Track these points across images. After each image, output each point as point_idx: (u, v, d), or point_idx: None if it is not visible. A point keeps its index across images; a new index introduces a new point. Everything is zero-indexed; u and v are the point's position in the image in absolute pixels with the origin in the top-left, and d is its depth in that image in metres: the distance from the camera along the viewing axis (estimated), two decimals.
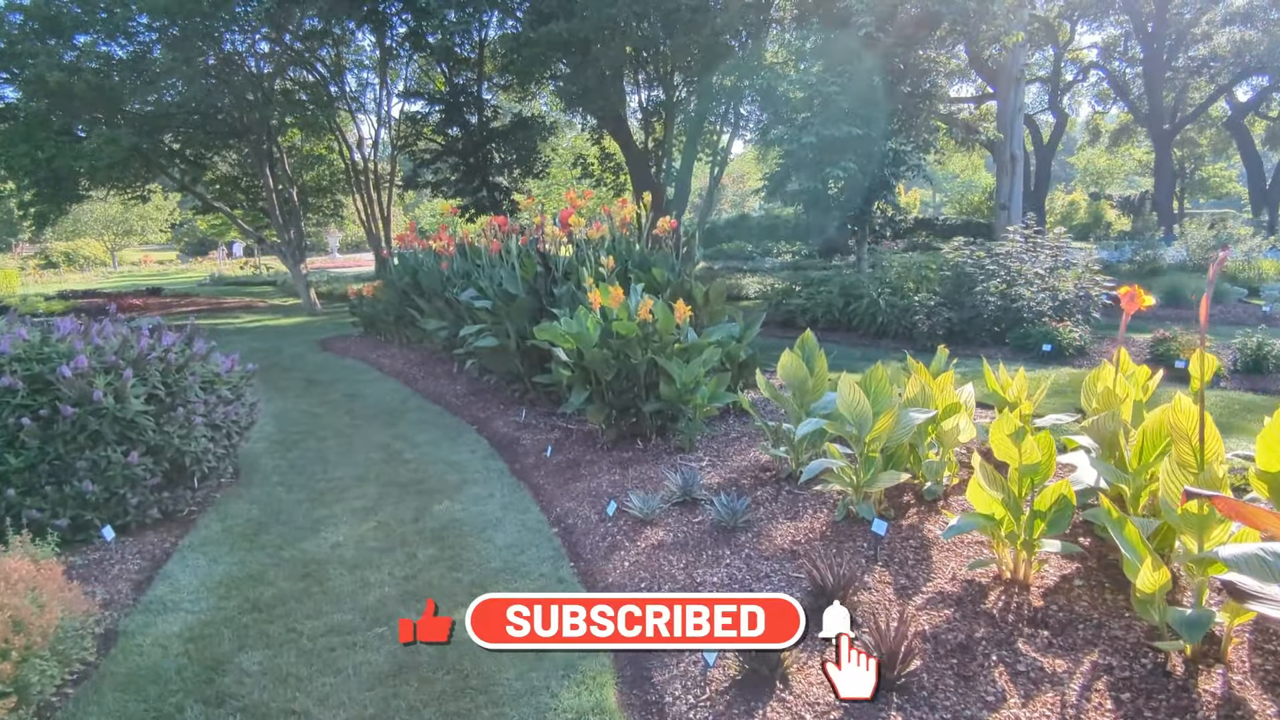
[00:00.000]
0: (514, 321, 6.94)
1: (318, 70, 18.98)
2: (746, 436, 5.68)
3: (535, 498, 4.81)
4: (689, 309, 5.70)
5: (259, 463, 5.71)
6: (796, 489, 4.47)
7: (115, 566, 3.83)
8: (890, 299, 10.81)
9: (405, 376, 8.93)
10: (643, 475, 4.87)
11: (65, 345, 4.22)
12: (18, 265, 37.45)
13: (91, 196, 19.43)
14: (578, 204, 7.46)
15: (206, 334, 8.86)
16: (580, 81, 14.75)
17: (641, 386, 5.59)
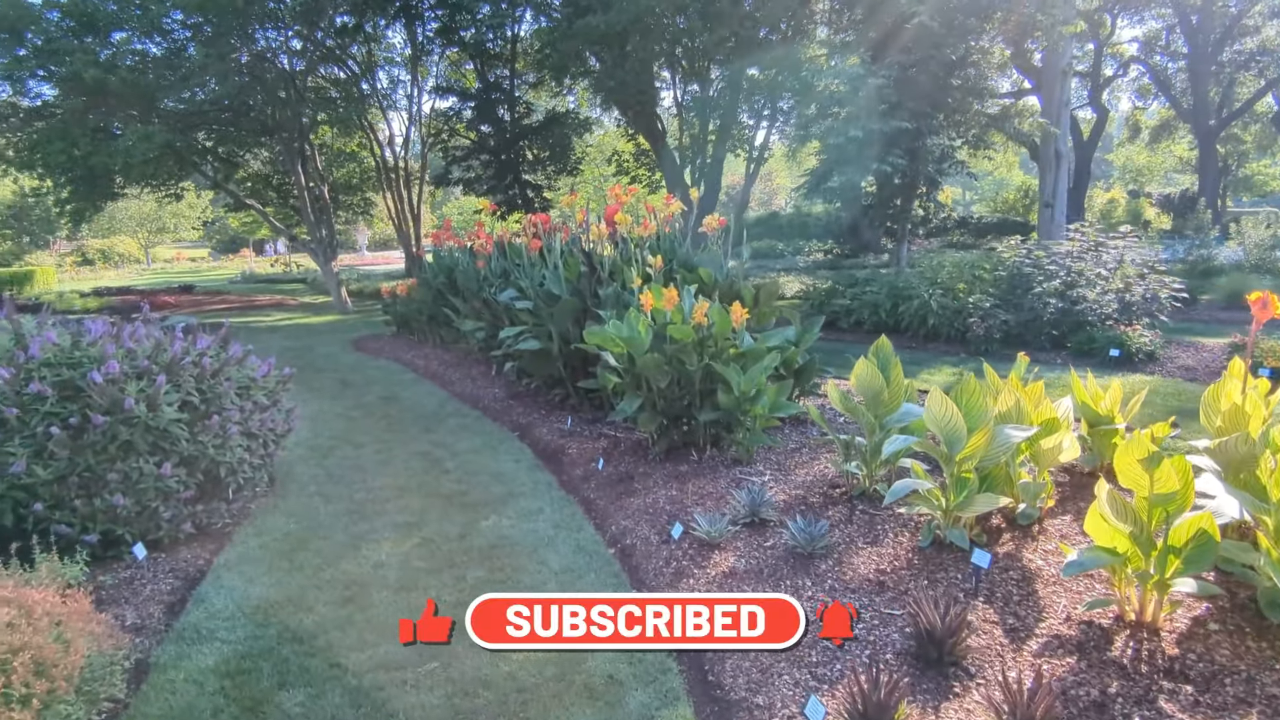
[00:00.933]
0: (557, 323, 6.64)
1: (349, 67, 18.90)
2: (806, 448, 5.33)
3: (587, 514, 4.50)
4: (745, 312, 5.36)
5: (295, 471, 5.47)
6: (872, 509, 4.11)
7: (147, 586, 3.58)
8: (942, 300, 10.35)
9: (441, 379, 8.67)
10: (701, 491, 4.53)
11: (96, 349, 3.99)
12: (55, 262, 38.09)
13: (126, 194, 19.52)
14: (623, 200, 7.15)
15: (240, 334, 8.69)
16: (616, 76, 14.44)
17: (696, 394, 5.26)
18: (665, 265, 6.75)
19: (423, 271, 11.08)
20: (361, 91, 18.90)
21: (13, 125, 15.45)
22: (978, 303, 9.65)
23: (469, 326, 8.58)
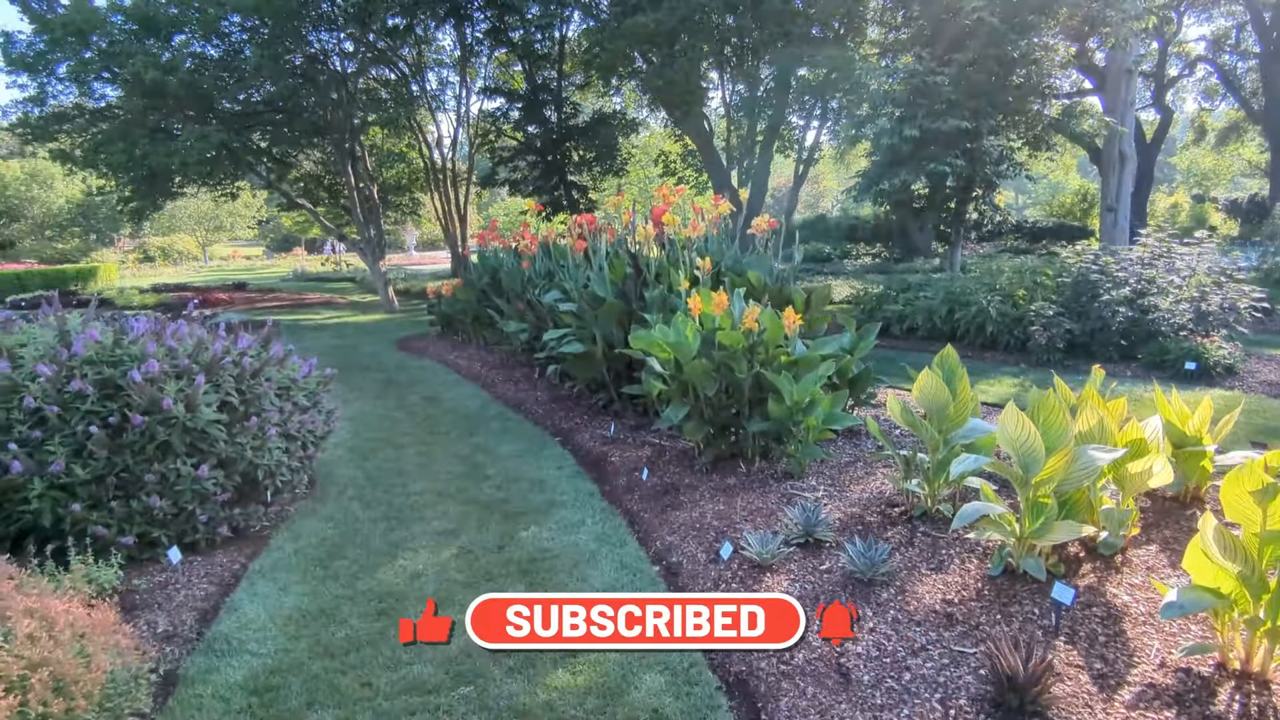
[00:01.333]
0: (601, 326, 6.47)
1: (399, 69, 19.08)
2: (861, 462, 5.06)
3: (631, 528, 4.30)
4: (798, 317, 5.11)
5: (335, 472, 5.40)
6: (935, 531, 3.83)
7: (181, 592, 3.50)
8: (1001, 307, 9.91)
9: (483, 380, 8.59)
10: (750, 506, 4.30)
11: (138, 347, 3.94)
12: (119, 259, 39.49)
13: (185, 193, 20.02)
14: (671, 200, 6.95)
15: (285, 333, 8.67)
16: (664, 75, 14.25)
17: (745, 403, 5.03)
18: (713, 268, 6.54)
19: (467, 272, 11.05)
20: (411, 93, 19.07)
21: (78, 126, 15.95)
22: (1040, 310, 9.19)
23: (512, 328, 8.47)
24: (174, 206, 37.66)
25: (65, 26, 13.93)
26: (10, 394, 3.68)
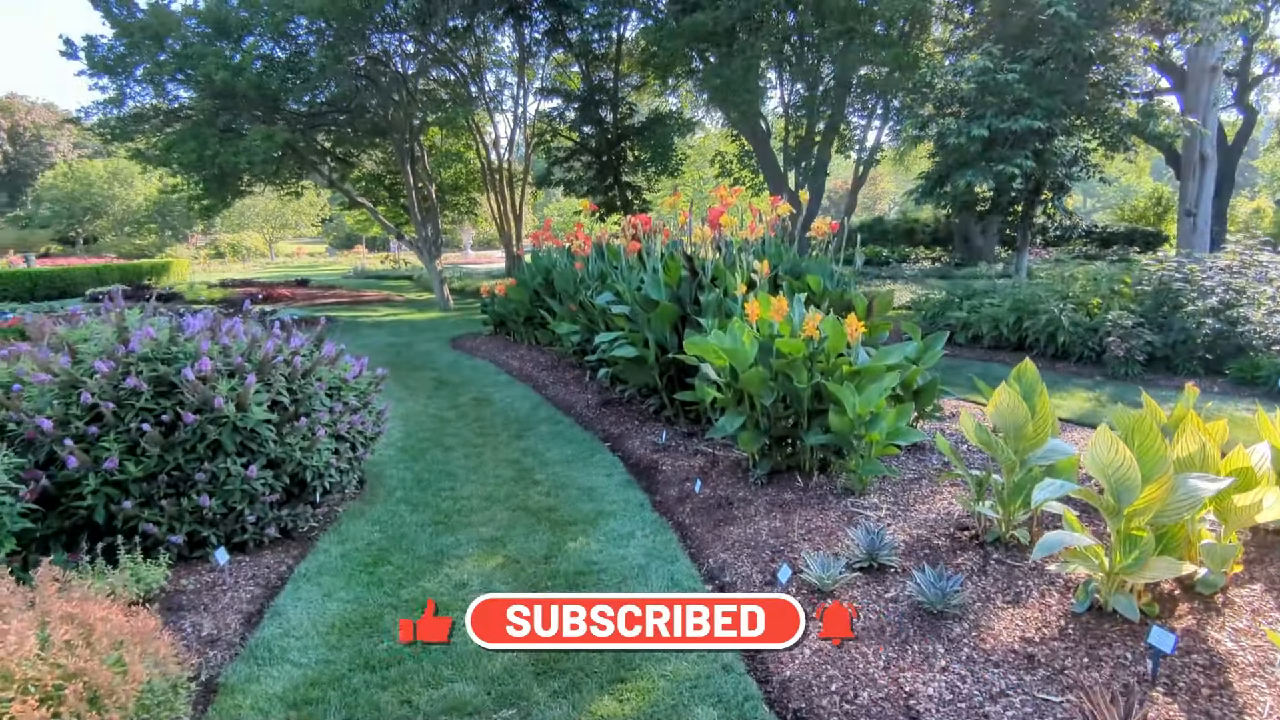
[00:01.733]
0: (654, 330, 6.31)
1: (459, 70, 19.29)
2: (926, 479, 4.78)
3: (682, 542, 4.13)
4: (862, 324, 4.87)
5: (385, 473, 5.37)
6: (1010, 559, 3.56)
7: (226, 594, 3.47)
8: (1074, 316, 9.42)
9: (535, 381, 8.52)
10: (809, 524, 4.08)
11: (192, 345, 3.94)
12: (191, 255, 41.11)
13: (253, 192, 20.63)
14: (729, 201, 6.75)
15: (343, 329, 8.69)
16: (722, 74, 14.02)
17: (804, 414, 4.80)
18: (771, 272, 6.32)
19: (521, 272, 11.03)
20: (469, 93, 19.26)
21: (154, 126, 16.54)
22: (1118, 320, 8.68)
23: (564, 329, 8.39)
24: (243, 205, 38.99)
25: (143, 30, 14.44)
26: (70, 389, 3.71)
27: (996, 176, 12.60)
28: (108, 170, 43.36)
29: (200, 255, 44.27)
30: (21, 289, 20.65)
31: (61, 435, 3.52)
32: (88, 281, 22.69)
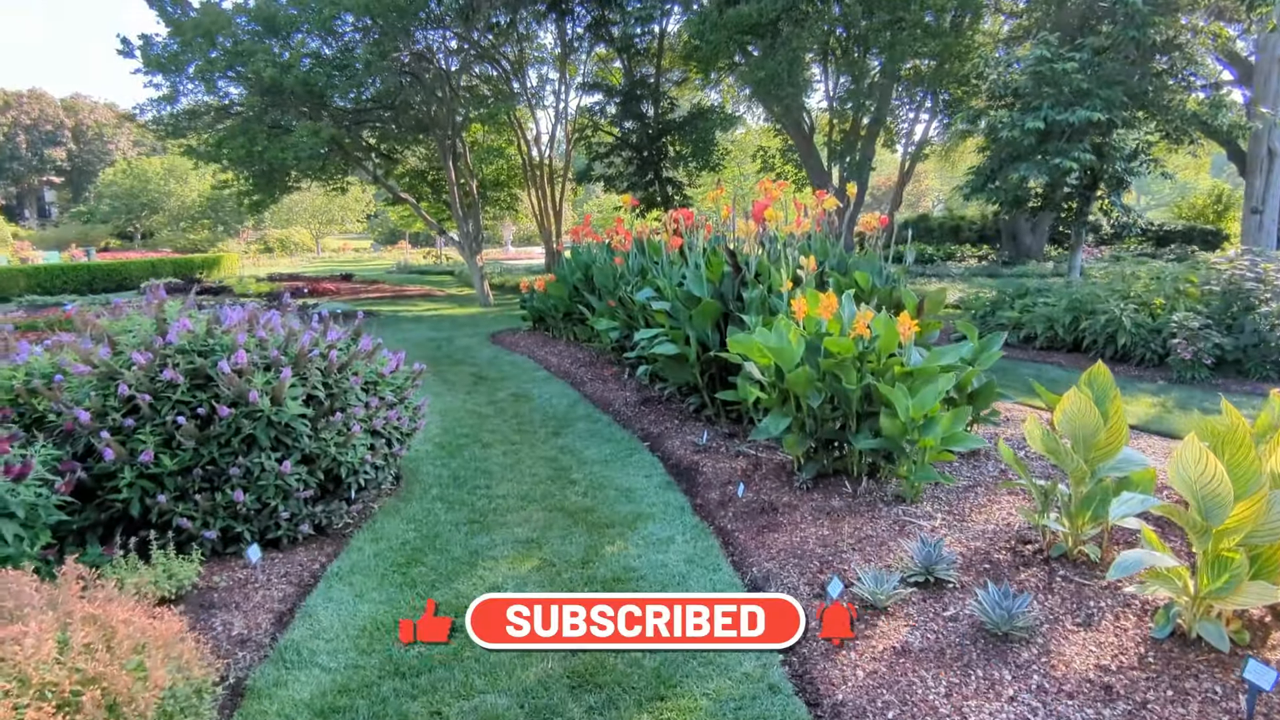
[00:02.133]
0: (695, 327, 6.14)
1: (501, 66, 19.32)
2: (981, 486, 4.54)
3: (724, 548, 3.95)
4: (915, 323, 4.63)
5: (421, 469, 5.30)
6: (1079, 577, 3.31)
7: (259, 592, 3.40)
8: (1135, 317, 8.97)
9: (573, 378, 8.41)
10: (858, 533, 3.88)
11: (229, 338, 3.89)
12: (241, 250, 42.13)
13: (300, 188, 20.95)
14: (773, 195, 6.54)
15: (385, 323, 8.67)
16: (766, 67, 13.73)
17: (853, 416, 4.59)
18: (818, 268, 6.10)
19: (560, 267, 10.93)
20: (512, 89, 19.28)
21: (205, 123, 16.88)
22: (1184, 321, 8.23)
23: (603, 325, 8.26)
24: (290, 201, 39.88)
25: (195, 28, 14.71)
26: (109, 380, 3.69)
27: (1052, 171, 12.11)
28: (164, 167, 44.66)
29: (250, 250, 45.40)
30: (81, 282, 21.33)
31: (99, 427, 3.50)
32: (143, 275, 23.35)
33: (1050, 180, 12.84)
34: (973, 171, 13.96)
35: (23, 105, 61.32)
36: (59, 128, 62.69)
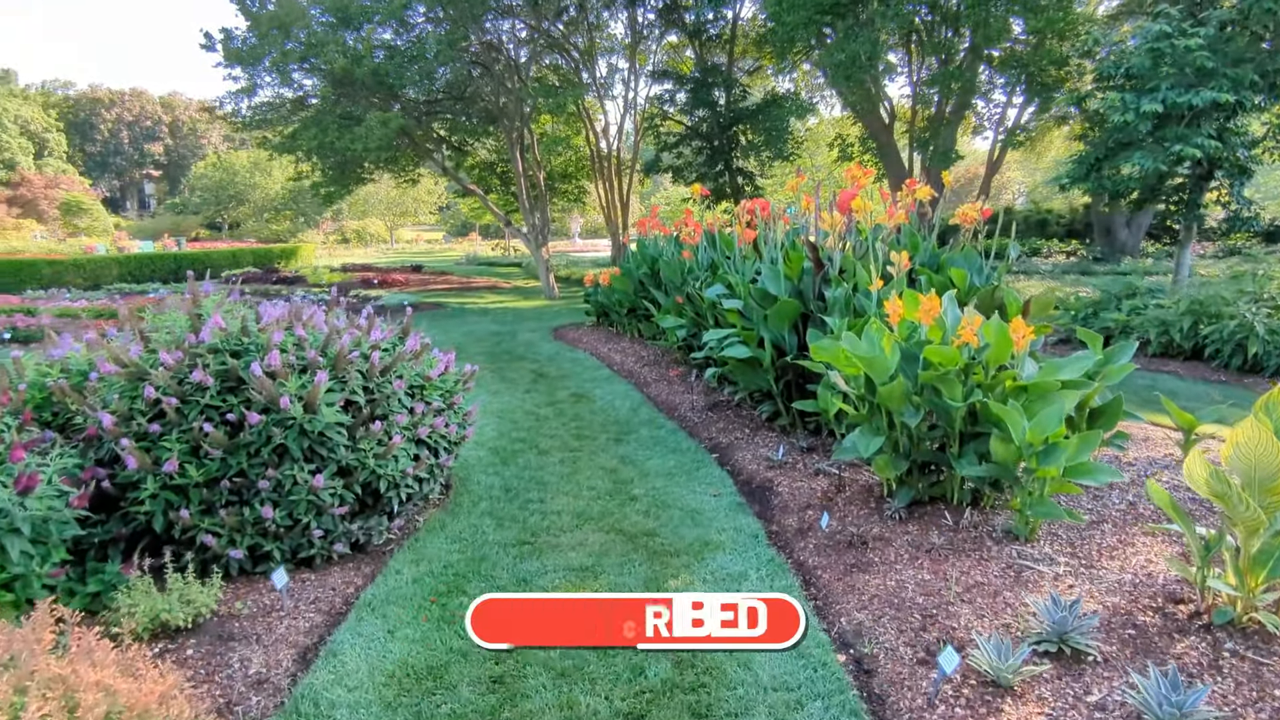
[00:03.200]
0: (771, 328, 5.60)
1: (571, 56, 19.02)
2: (1108, 522, 3.88)
3: (805, 589, 3.43)
4: (1030, 330, 3.98)
5: (472, 478, 4.94)
6: (1253, 654, 2.66)
7: (283, 622, 3.07)
8: (1269, 322, 7.96)
9: (636, 378, 7.97)
10: (966, 578, 3.29)
11: (265, 336, 3.58)
12: (320, 240, 43.39)
13: (373, 179, 21.16)
14: (861, 183, 5.92)
15: (446, 317, 8.39)
16: (846, 49, 12.94)
17: (955, 436, 3.99)
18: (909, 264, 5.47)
19: (625, 261, 10.50)
20: (581, 79, 18.95)
21: (281, 115, 17.13)
22: None
23: (669, 323, 7.78)
24: (365, 192, 40.75)
25: (271, 20, 14.87)
26: (139, 381, 3.43)
27: (1169, 159, 10.95)
28: (250, 160, 46.39)
29: (329, 241, 46.74)
30: (167, 270, 22.12)
31: (122, 432, 3.23)
32: (224, 264, 24.11)
33: (1163, 169, 11.64)
34: (1073, 160, 12.82)
35: (125, 103, 64.92)
36: (157, 124, 66.12)
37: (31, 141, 52.47)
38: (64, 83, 66.55)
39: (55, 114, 58.23)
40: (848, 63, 13.15)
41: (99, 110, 63.80)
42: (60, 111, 60.31)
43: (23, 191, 43.14)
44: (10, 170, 46.66)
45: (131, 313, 4.13)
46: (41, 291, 17.62)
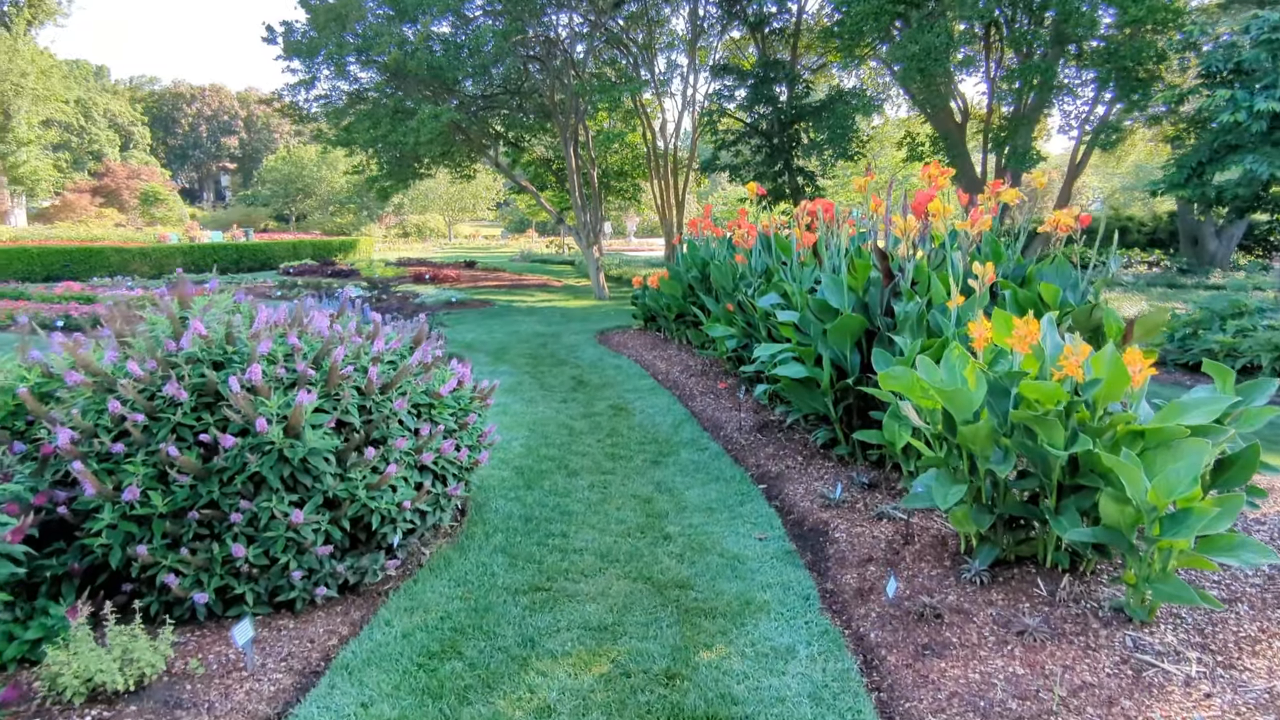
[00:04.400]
0: (830, 345, 4.97)
1: (630, 51, 18.55)
2: (1244, 602, 3.18)
3: (866, 675, 2.82)
4: (1148, 363, 3.28)
5: (490, 503, 4.46)
6: None
7: (244, 685, 2.63)
8: None
9: (681, 389, 7.41)
10: (1070, 676, 2.65)
11: (251, 345, 3.16)
12: (381, 234, 44.04)
13: (430, 174, 21.08)
14: (939, 183, 5.25)
15: (502, 312, 7.95)
16: (921, 40, 12.09)
17: (1052, 488, 3.32)
18: None
19: (675, 263, 9.93)
20: (640, 77, 18.46)
21: (338, 108, 17.11)
22: None
23: (719, 332, 7.20)
24: (425, 187, 41.13)
25: (328, 13, 14.80)
26: (107, 392, 3.04)
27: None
28: (317, 154, 47.37)
29: (389, 234, 47.43)
30: (229, 260, 22.49)
31: (82, 452, 2.84)
32: (285, 255, 24.44)
33: (1251, 176, 10.50)
34: (1173, 163, 11.72)
35: (205, 98, 67.46)
36: (233, 118, 68.48)
37: (119, 134, 54.80)
38: (150, 78, 69.51)
39: (140, 108, 60.75)
40: (922, 54, 12.30)
41: (180, 105, 66.43)
42: (145, 105, 62.94)
43: (107, 181, 44.96)
44: (98, 161, 48.76)
45: (118, 310, 3.76)
46: (107, 279, 18.01)
